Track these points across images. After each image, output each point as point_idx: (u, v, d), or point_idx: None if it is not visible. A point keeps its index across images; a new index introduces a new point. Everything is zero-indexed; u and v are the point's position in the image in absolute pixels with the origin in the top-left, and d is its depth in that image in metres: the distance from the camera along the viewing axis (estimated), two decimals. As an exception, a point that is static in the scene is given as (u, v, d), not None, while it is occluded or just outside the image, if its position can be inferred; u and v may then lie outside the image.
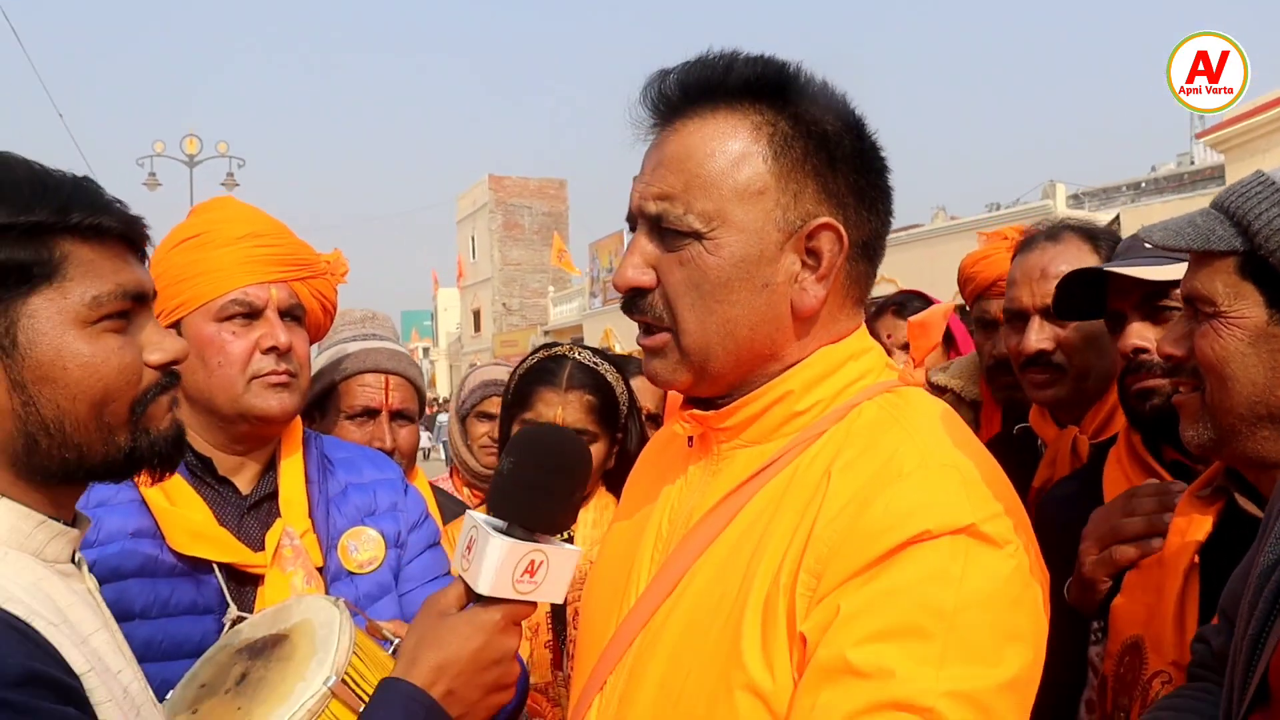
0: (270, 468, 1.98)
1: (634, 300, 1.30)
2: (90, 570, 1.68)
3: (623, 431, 2.57)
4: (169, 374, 1.26)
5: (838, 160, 1.26)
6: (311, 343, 2.06)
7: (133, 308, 1.22)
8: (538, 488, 1.33)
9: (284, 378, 1.90)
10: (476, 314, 55.02)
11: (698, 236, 1.23)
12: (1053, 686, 1.68)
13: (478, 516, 1.34)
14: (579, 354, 2.56)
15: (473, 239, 55.23)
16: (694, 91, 1.27)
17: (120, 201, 1.25)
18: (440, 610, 1.33)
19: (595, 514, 2.48)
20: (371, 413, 2.62)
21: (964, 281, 2.83)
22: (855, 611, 1.08)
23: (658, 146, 1.29)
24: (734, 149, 1.24)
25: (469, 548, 1.33)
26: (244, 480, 1.96)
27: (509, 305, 52.38)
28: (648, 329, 1.31)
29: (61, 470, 1.19)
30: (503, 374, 3.28)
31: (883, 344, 3.59)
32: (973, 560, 1.10)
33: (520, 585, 1.31)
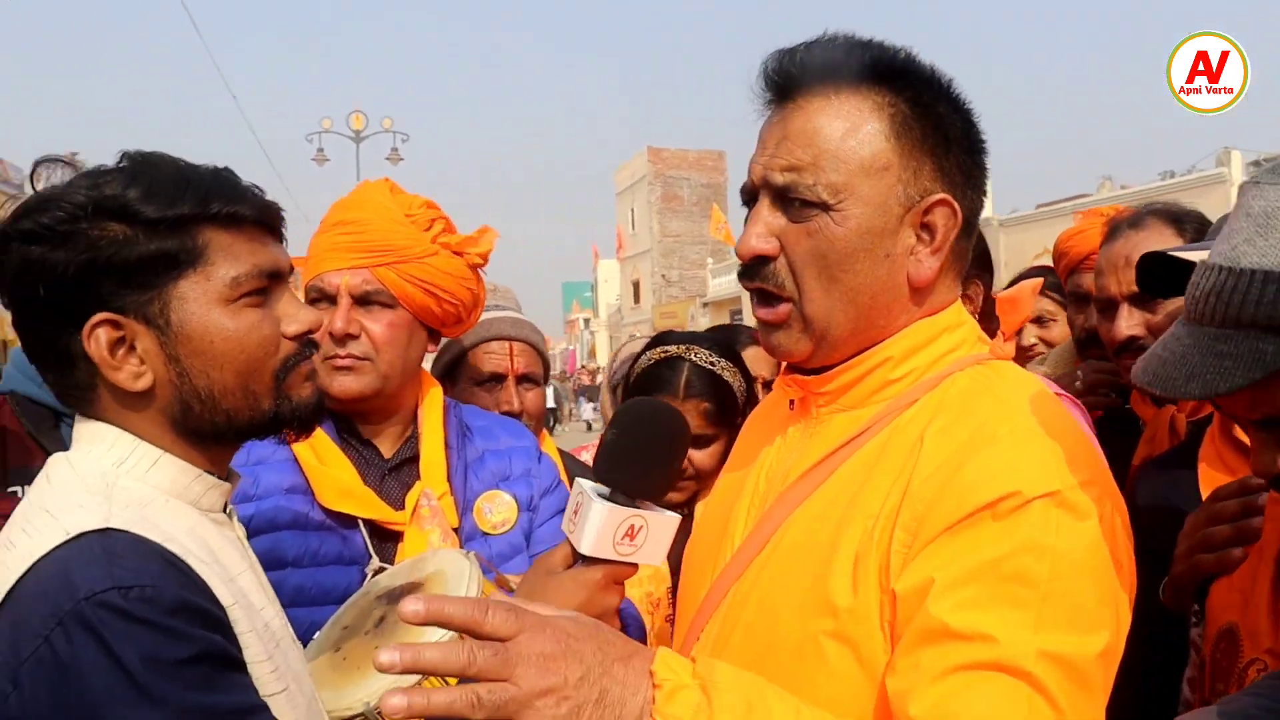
0: (412, 434, 2.13)
1: (755, 268, 1.36)
2: (248, 522, 1.89)
3: (742, 417, 2.60)
4: (307, 343, 1.39)
5: (950, 141, 1.34)
6: (437, 325, 2.14)
7: (269, 285, 1.35)
8: (638, 457, 1.41)
9: (346, 361, 2.00)
10: (636, 285, 55.52)
11: (825, 208, 1.30)
12: (1157, 665, 1.68)
13: (584, 483, 1.43)
14: (695, 355, 2.56)
15: (632, 211, 55.67)
16: (816, 72, 1.33)
17: (256, 189, 1.38)
18: (548, 568, 1.42)
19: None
20: (498, 378, 2.73)
21: (1058, 257, 2.85)
22: (953, 580, 1.14)
23: (781, 122, 1.35)
24: (859, 126, 1.31)
25: (576, 511, 1.42)
26: (386, 444, 2.11)
27: (668, 277, 52.67)
28: (766, 299, 1.37)
29: (213, 431, 1.33)
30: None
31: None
32: (1064, 529, 1.14)
33: (620, 547, 1.38)
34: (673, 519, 1.42)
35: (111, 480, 1.27)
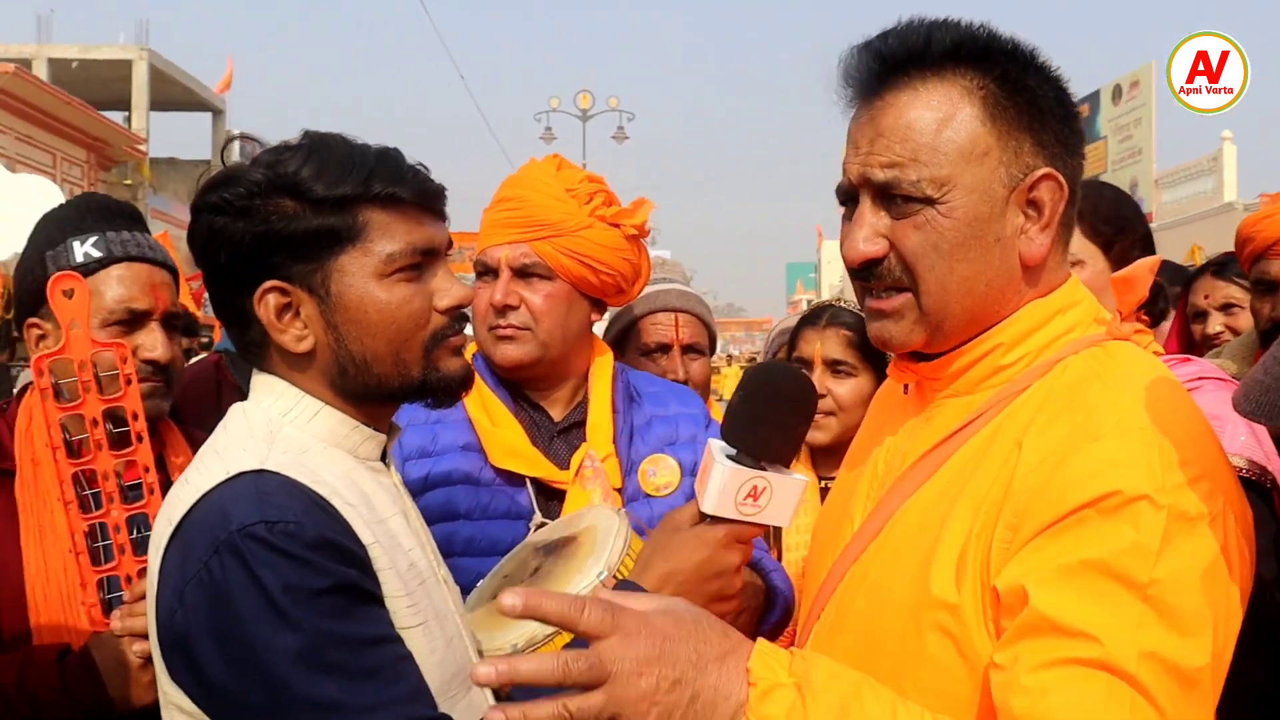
0: (582, 398, 2.24)
1: (867, 271, 1.34)
2: (426, 476, 2.05)
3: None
4: (457, 318, 1.48)
5: (1045, 113, 1.31)
6: (598, 295, 2.23)
7: (423, 261, 1.44)
8: (762, 419, 1.43)
9: (507, 331, 2.13)
10: (859, 268, 54.33)
11: (930, 202, 1.28)
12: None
13: (714, 443, 1.46)
14: (843, 302, 2.73)
15: (858, 192, 54.39)
16: (897, 63, 1.32)
17: (420, 168, 1.47)
18: (674, 525, 1.46)
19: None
20: (664, 348, 2.82)
21: (1242, 243, 2.69)
22: (1054, 576, 1.12)
23: (871, 119, 1.33)
24: (953, 114, 1.29)
25: (704, 471, 1.45)
26: (557, 408, 2.23)
27: (893, 259, 51.27)
28: (884, 292, 1.35)
29: (366, 393, 1.44)
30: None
31: (1199, 306, 3.35)
32: (1167, 530, 1.11)
33: (743, 507, 1.41)
34: (799, 481, 1.43)
35: (276, 428, 1.41)
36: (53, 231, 2.01)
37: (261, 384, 1.47)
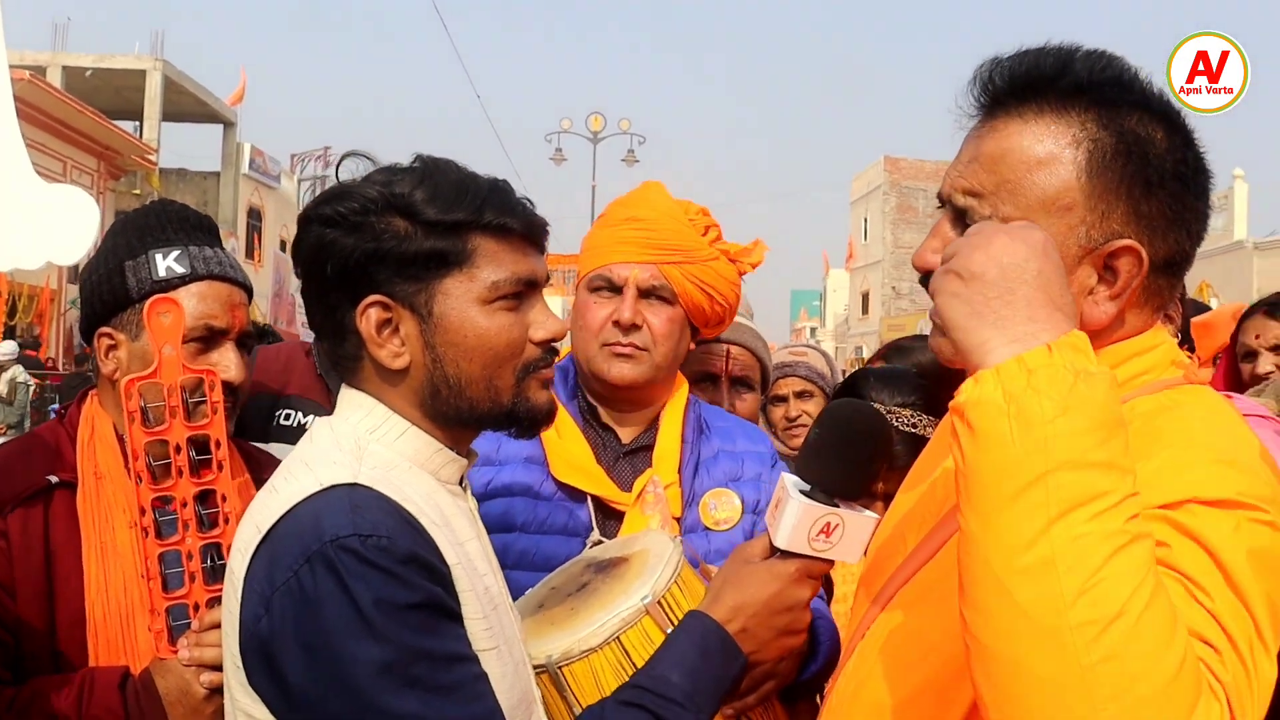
0: (652, 424, 2.22)
1: (926, 280, 1.32)
2: (487, 485, 2.04)
3: None
4: (548, 350, 1.48)
5: (1154, 183, 1.23)
6: (699, 324, 2.22)
7: (524, 291, 1.45)
8: (837, 457, 1.46)
9: (627, 349, 2.11)
10: (865, 296, 54.70)
11: None
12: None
13: (788, 478, 1.47)
14: (898, 420, 2.52)
15: (865, 220, 54.86)
16: (1021, 87, 1.27)
17: (527, 203, 1.49)
18: (745, 558, 1.50)
19: None
20: (712, 378, 2.79)
21: None
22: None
23: (976, 139, 1.30)
24: (1050, 159, 1.23)
25: (777, 505, 1.47)
26: (626, 432, 2.21)
27: (898, 289, 51.54)
28: None
29: (455, 416, 1.44)
30: (788, 357, 3.40)
31: (1249, 346, 3.29)
32: (1242, 526, 1.09)
33: (815, 543, 1.44)
34: (870, 519, 1.46)
35: (363, 444, 1.39)
36: (133, 241, 1.96)
37: (349, 400, 1.46)
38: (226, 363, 1.94)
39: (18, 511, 1.81)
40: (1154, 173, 1.23)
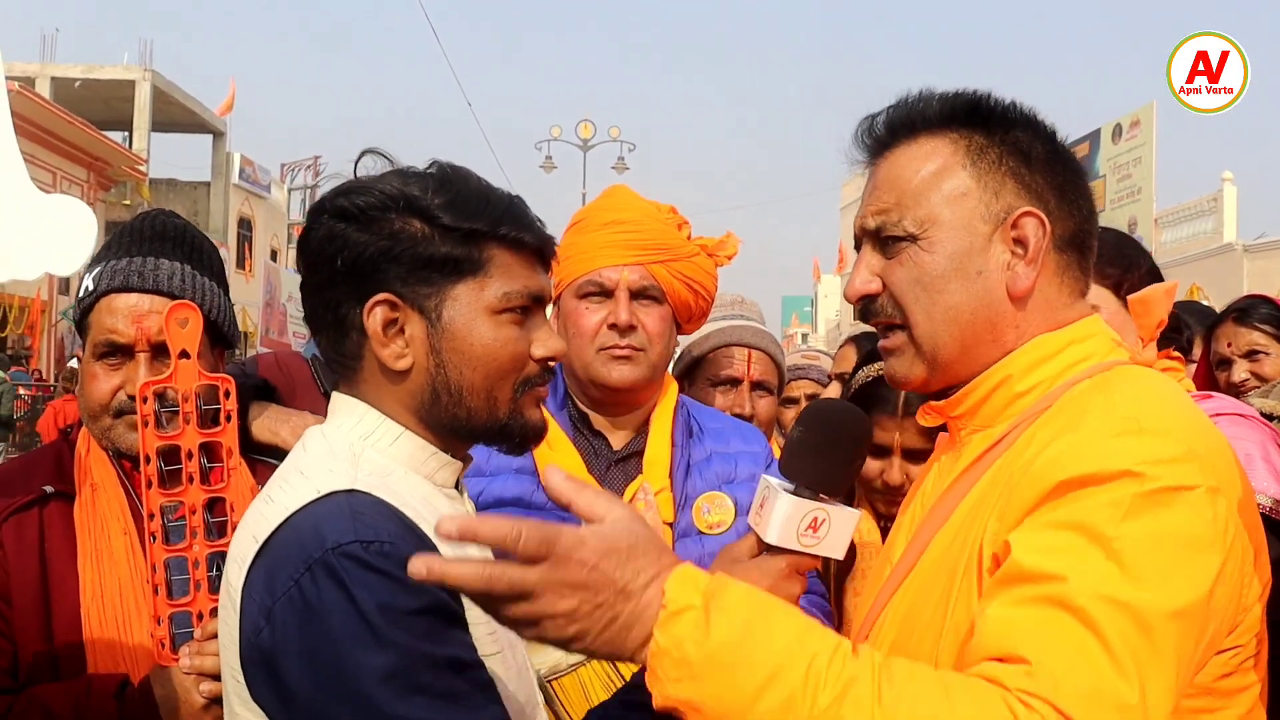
0: (643, 429, 2.22)
1: (867, 307, 1.47)
2: (478, 496, 2.02)
3: None
4: (546, 368, 1.49)
5: (1032, 161, 1.41)
6: (683, 320, 2.24)
7: (531, 306, 1.45)
8: (821, 454, 1.48)
9: (625, 351, 2.12)
10: (856, 302, 54.60)
11: (913, 239, 1.39)
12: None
13: (770, 478, 1.50)
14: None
15: (855, 226, 54.72)
16: (899, 126, 1.45)
17: (540, 221, 1.50)
18: (734, 557, 1.50)
19: None
20: (734, 382, 2.83)
21: None
22: (1032, 532, 1.20)
23: (873, 174, 1.47)
24: (937, 162, 1.41)
25: (762, 504, 1.49)
26: (617, 438, 2.21)
27: (889, 294, 51.49)
28: (885, 331, 1.46)
29: (450, 424, 1.43)
30: (800, 360, 3.49)
31: (1223, 354, 3.29)
32: (1146, 495, 1.16)
33: (804, 539, 1.46)
34: (854, 514, 1.48)
35: (358, 450, 1.39)
36: (98, 256, 1.98)
37: (341, 406, 1.45)
38: (132, 377, 1.87)
39: (12, 520, 1.84)
40: (1027, 153, 1.40)
